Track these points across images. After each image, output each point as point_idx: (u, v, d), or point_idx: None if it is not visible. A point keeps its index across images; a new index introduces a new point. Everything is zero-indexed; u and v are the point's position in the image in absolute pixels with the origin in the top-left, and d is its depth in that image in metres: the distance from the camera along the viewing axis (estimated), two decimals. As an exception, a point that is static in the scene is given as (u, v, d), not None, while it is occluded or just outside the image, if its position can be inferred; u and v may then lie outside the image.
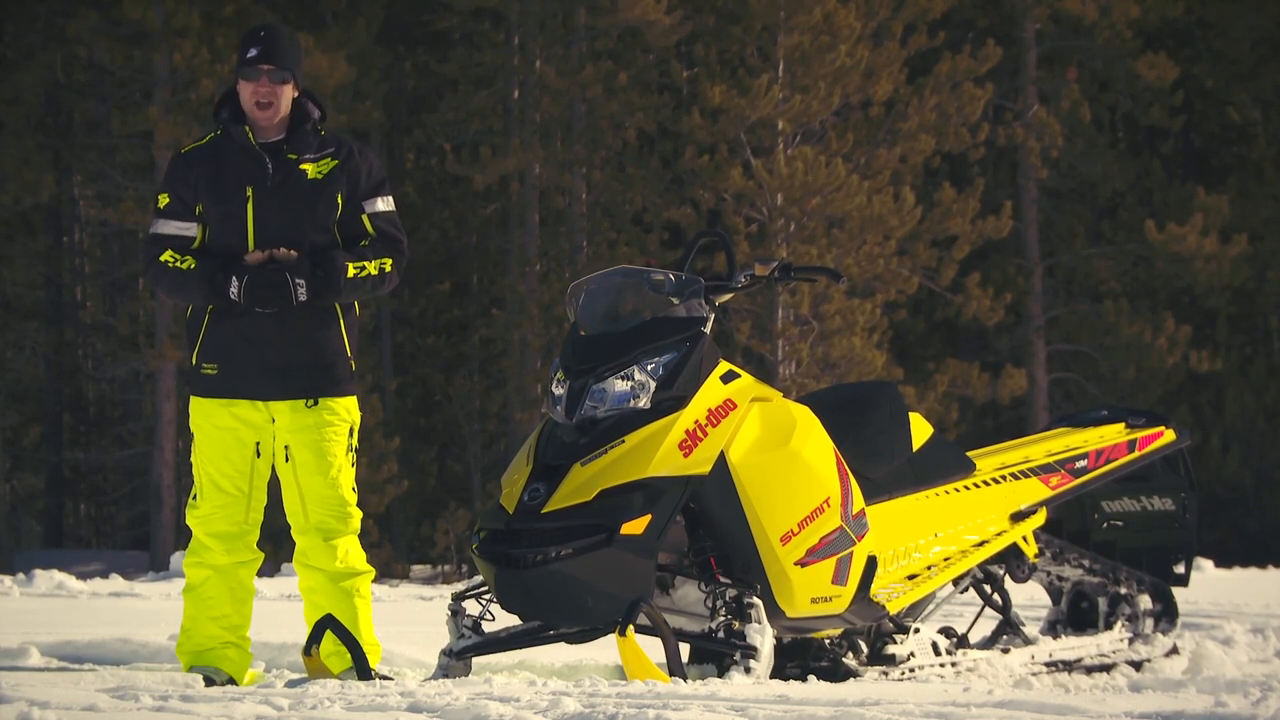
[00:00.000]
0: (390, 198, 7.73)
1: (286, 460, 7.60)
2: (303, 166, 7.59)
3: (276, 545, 19.67)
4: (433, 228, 31.23)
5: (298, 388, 7.56)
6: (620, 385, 7.30)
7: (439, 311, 31.75)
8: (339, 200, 7.60)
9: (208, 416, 7.62)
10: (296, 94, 7.64)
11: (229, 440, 7.60)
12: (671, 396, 7.30)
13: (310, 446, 7.58)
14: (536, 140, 28.25)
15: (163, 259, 7.55)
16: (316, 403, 7.58)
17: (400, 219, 7.80)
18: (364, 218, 7.64)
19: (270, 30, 7.65)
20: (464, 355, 31.22)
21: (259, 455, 7.62)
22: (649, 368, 7.32)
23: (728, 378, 7.44)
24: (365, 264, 7.56)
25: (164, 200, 7.63)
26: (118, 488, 32.33)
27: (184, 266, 7.53)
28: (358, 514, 7.71)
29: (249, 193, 7.53)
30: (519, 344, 27.97)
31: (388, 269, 7.61)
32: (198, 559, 7.67)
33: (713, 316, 7.55)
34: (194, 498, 7.67)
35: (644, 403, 7.28)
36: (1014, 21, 30.27)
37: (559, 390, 7.38)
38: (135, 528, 32.28)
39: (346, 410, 7.65)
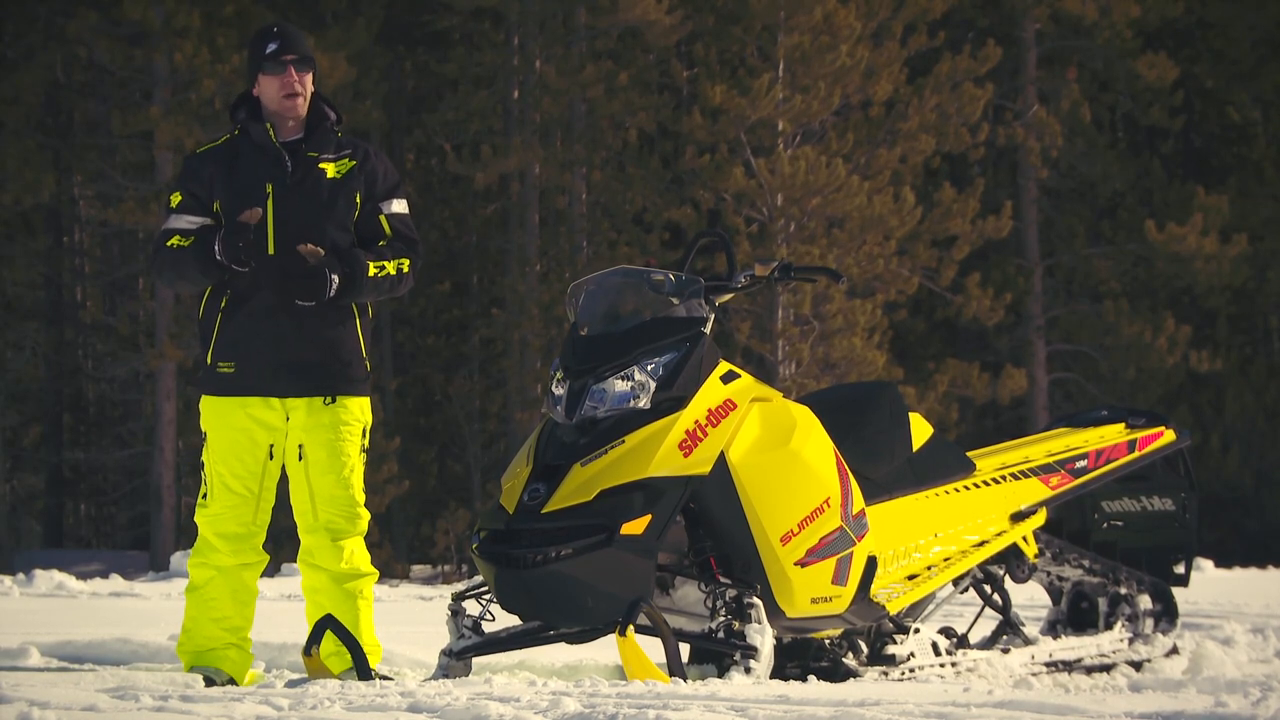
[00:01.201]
0: (405, 200, 7.77)
1: (300, 459, 7.61)
2: (322, 165, 7.62)
3: (277, 545, 19.68)
4: (433, 228, 31.21)
5: (316, 385, 7.57)
6: (620, 385, 7.30)
7: (439, 311, 31.75)
8: (357, 200, 7.62)
9: (222, 416, 7.61)
10: (313, 89, 7.68)
11: (243, 441, 7.60)
12: (671, 397, 7.30)
13: (325, 445, 7.59)
14: (536, 140, 28.25)
15: (169, 244, 7.57)
16: (334, 400, 7.59)
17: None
18: (381, 218, 7.67)
19: (284, 26, 7.73)
20: (464, 355, 31.22)
21: (271, 457, 7.62)
22: (649, 368, 7.32)
23: (728, 378, 7.44)
24: (385, 263, 7.59)
25: (176, 198, 7.65)
26: (118, 488, 32.32)
27: (185, 244, 7.55)
28: (366, 515, 7.71)
29: (269, 190, 7.55)
30: (519, 344, 27.97)
31: (405, 269, 7.64)
32: (203, 559, 7.68)
33: (713, 317, 7.56)
34: (203, 497, 7.67)
35: (644, 403, 7.28)
36: (1014, 21, 30.27)
37: (559, 390, 7.38)
38: (135, 528, 32.27)
39: (361, 410, 7.67)
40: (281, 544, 19.20)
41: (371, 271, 7.55)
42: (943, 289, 28.08)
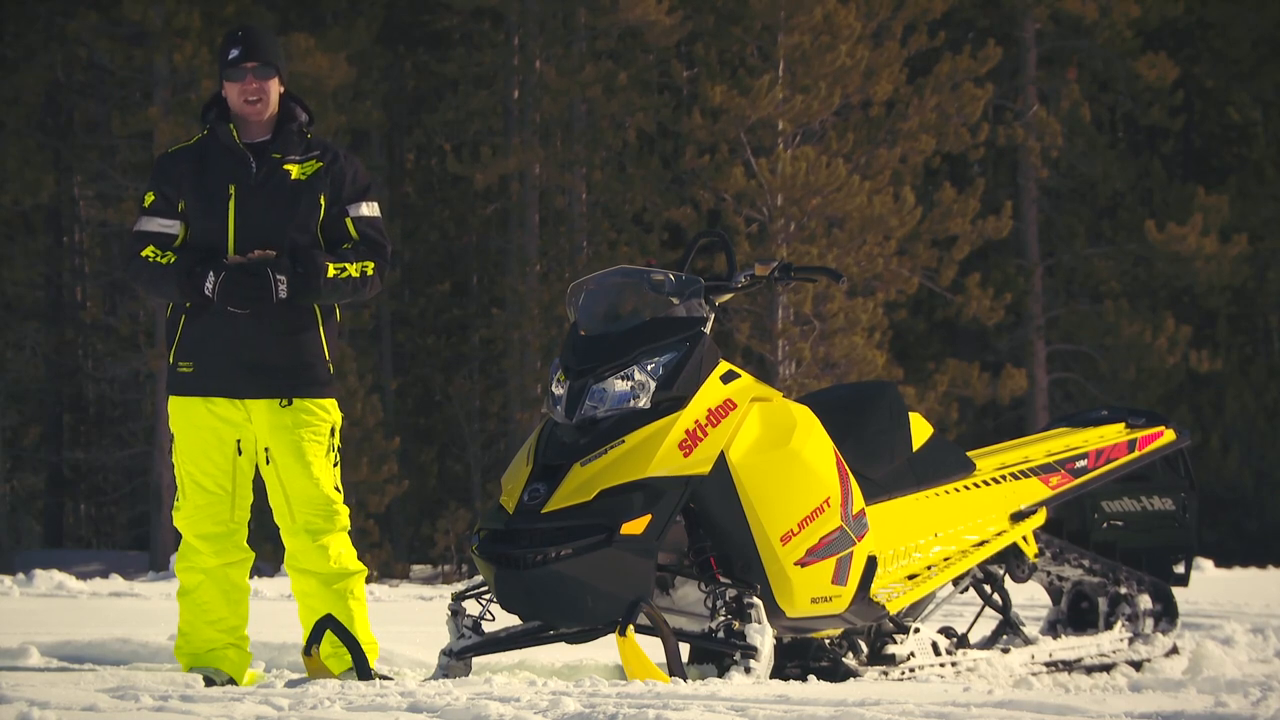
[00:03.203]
0: (375, 204, 7.74)
1: (268, 463, 7.61)
2: (286, 166, 7.61)
3: (277, 545, 19.70)
4: (433, 228, 31.22)
5: (273, 387, 7.56)
6: (620, 385, 7.30)
7: (439, 311, 31.74)
8: (321, 202, 7.61)
9: (187, 415, 7.62)
10: (282, 90, 7.67)
11: (209, 439, 7.60)
12: (671, 396, 7.30)
13: (289, 447, 7.58)
14: (536, 140, 28.24)
15: (144, 254, 7.58)
16: (291, 403, 7.58)
17: (386, 225, 7.80)
18: (347, 221, 7.64)
19: (248, 30, 7.72)
20: (464, 355, 31.21)
21: (240, 453, 7.62)
22: (649, 368, 7.32)
23: (728, 378, 7.44)
24: (346, 265, 7.55)
25: (149, 199, 7.67)
26: (118, 488, 32.32)
27: (164, 261, 7.55)
28: (345, 511, 7.70)
29: (231, 190, 7.56)
30: (519, 344, 27.97)
31: (369, 272, 7.60)
32: (188, 563, 7.68)
33: (712, 316, 7.56)
34: (178, 499, 7.68)
35: (644, 403, 7.28)
36: (1014, 21, 30.26)
37: (559, 390, 7.38)
38: (135, 528, 32.27)
39: (326, 411, 7.64)
40: (282, 544, 19.22)
41: (331, 273, 7.51)
42: (943, 289, 28.08)
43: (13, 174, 27.85)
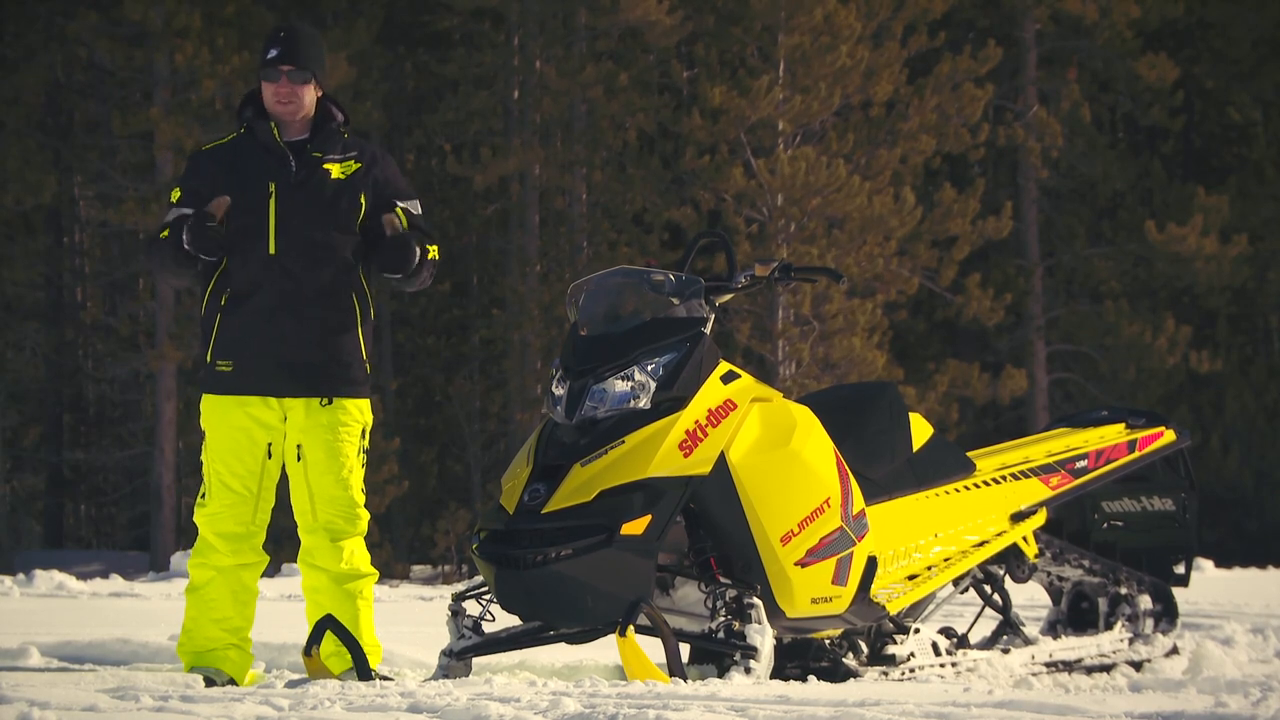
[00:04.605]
0: (418, 202, 7.80)
1: (299, 459, 7.60)
2: (326, 165, 7.61)
3: (277, 545, 19.70)
4: (433, 228, 31.19)
5: (313, 386, 7.57)
6: (620, 385, 7.31)
7: (439, 311, 31.74)
8: (362, 201, 7.62)
9: (222, 415, 7.61)
10: (319, 94, 7.66)
11: (241, 440, 7.60)
12: (671, 397, 7.30)
13: (323, 446, 7.58)
14: (536, 140, 28.23)
15: (160, 236, 7.58)
16: (331, 402, 7.59)
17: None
18: (404, 218, 7.68)
19: (290, 31, 7.67)
20: (464, 355, 31.21)
21: (270, 456, 7.62)
22: (649, 368, 7.33)
23: (728, 378, 7.45)
24: (429, 248, 7.63)
25: (176, 194, 7.67)
26: (118, 488, 32.32)
27: (164, 235, 7.57)
28: (365, 516, 7.71)
29: (272, 188, 7.55)
30: (519, 344, 27.96)
31: (436, 257, 7.68)
32: (202, 559, 7.68)
33: (713, 317, 7.56)
34: (202, 496, 7.68)
35: (644, 403, 7.28)
36: (1014, 21, 30.26)
37: (559, 390, 7.38)
38: (135, 528, 32.26)
39: (360, 411, 7.66)
40: (281, 544, 19.22)
41: (427, 252, 7.60)
42: (943, 289, 28.08)
43: (13, 174, 27.85)
